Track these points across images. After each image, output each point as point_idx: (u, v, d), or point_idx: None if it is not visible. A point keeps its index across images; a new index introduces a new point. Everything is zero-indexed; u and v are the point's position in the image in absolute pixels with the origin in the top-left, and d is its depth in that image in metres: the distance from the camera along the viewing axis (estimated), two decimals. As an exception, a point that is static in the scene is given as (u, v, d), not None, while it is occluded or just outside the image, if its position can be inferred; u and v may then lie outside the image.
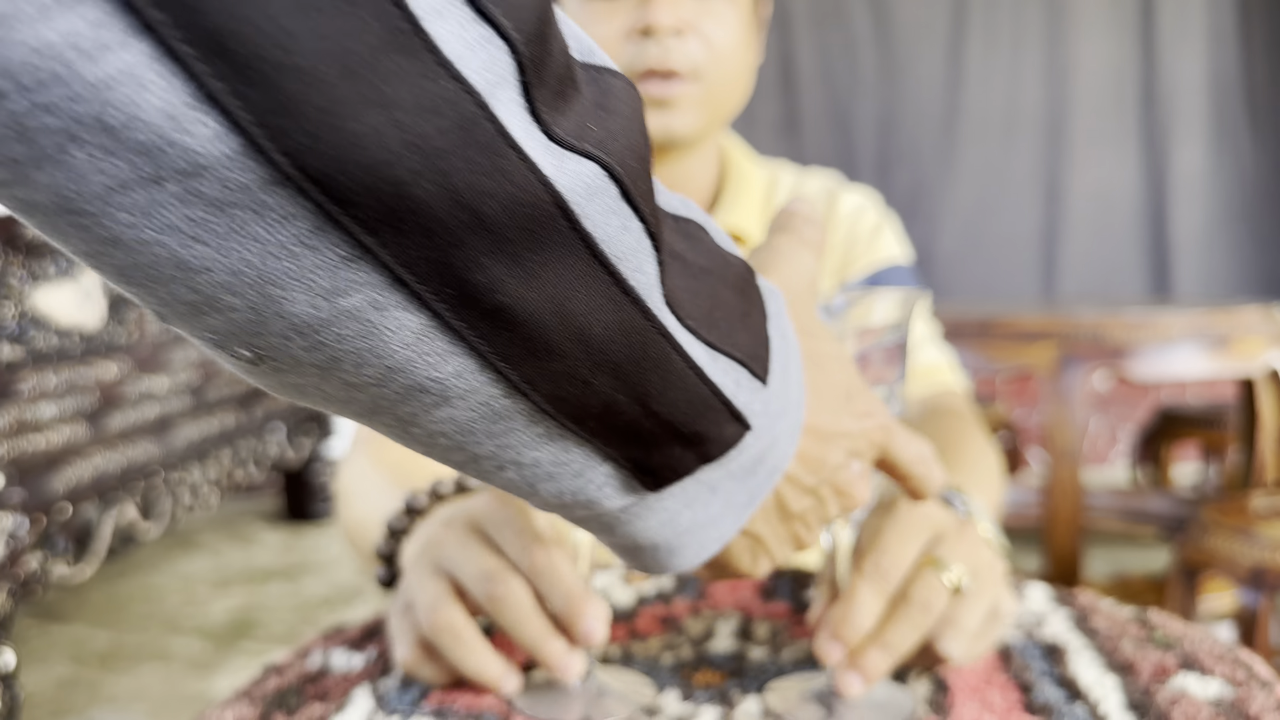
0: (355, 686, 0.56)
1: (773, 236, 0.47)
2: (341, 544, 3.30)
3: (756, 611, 0.65)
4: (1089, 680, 0.52)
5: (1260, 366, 2.17)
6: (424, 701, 0.53)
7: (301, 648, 0.63)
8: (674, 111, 0.85)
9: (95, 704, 2.14)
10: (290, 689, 0.56)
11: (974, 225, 3.88)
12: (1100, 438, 4.04)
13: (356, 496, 0.79)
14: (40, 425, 1.99)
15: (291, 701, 0.54)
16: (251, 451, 2.99)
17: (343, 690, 0.55)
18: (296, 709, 0.53)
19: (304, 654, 0.61)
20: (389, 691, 0.55)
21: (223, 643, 2.46)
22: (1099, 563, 2.82)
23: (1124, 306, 2.56)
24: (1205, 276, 3.87)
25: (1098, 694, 0.51)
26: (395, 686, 0.55)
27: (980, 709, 0.50)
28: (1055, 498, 2.08)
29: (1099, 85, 3.82)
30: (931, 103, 3.86)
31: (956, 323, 2.23)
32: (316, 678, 0.57)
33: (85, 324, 2.18)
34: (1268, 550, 1.63)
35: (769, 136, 3.89)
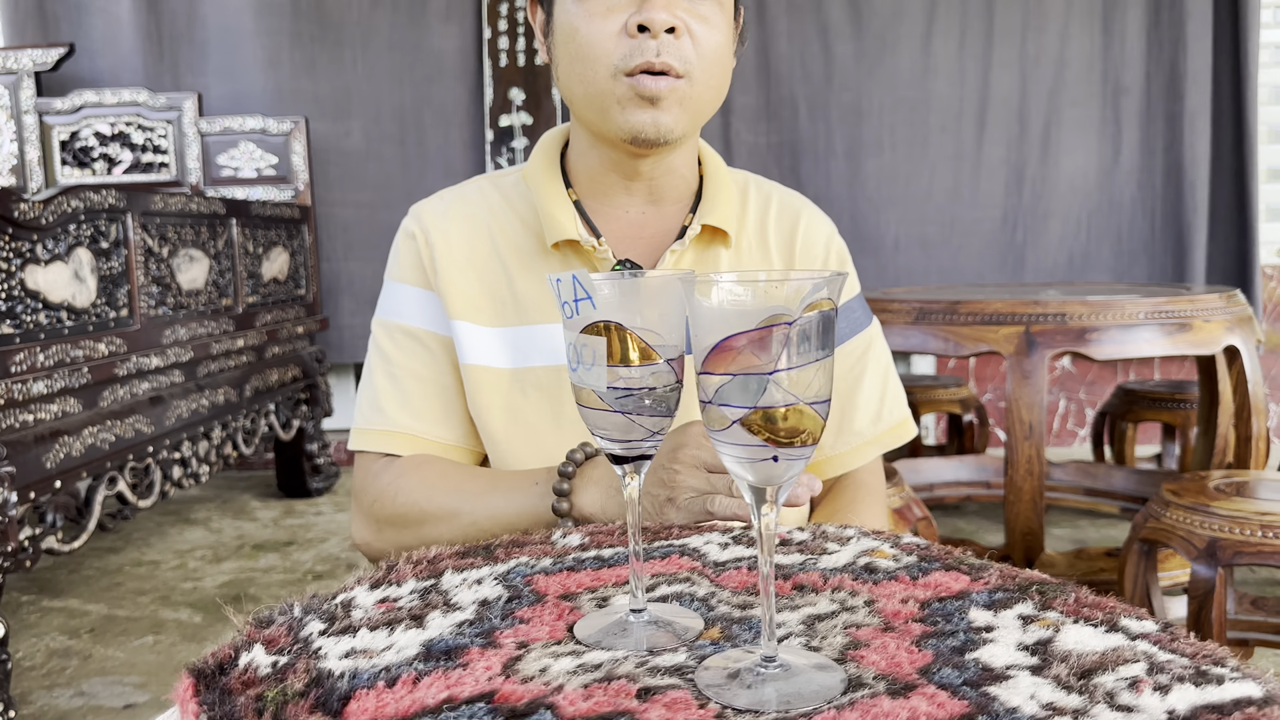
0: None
1: None
2: (330, 518, 3.35)
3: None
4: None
5: (1220, 348, 2.25)
6: (498, 635, 0.58)
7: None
8: (664, 108, 0.91)
9: (87, 674, 2.19)
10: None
11: (944, 211, 3.97)
12: (1067, 418, 4.14)
13: (460, 494, 0.96)
14: (31, 401, 2.03)
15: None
16: (243, 427, 3.04)
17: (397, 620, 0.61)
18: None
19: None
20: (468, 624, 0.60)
21: (215, 614, 2.52)
22: (1061, 537, 2.91)
23: (1088, 290, 2.65)
24: (1168, 262, 3.96)
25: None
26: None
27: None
28: (1018, 474, 2.16)
29: (1068, 75, 3.90)
30: (904, 91, 3.93)
31: (925, 306, 2.31)
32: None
33: (76, 302, 2.22)
34: (1223, 525, 1.70)
35: (746, 125, 3.95)
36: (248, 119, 3.57)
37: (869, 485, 1.07)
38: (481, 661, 0.54)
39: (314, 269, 3.65)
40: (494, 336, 1.00)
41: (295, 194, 3.59)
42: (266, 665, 0.55)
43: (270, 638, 0.59)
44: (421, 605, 0.63)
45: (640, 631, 0.58)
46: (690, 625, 0.60)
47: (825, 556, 0.72)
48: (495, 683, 0.51)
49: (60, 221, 2.16)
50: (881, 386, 1.08)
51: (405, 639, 0.58)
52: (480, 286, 1.01)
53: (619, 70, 0.89)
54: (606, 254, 0.98)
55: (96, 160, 3.58)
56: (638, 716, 0.48)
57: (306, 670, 0.54)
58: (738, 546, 0.74)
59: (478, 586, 0.67)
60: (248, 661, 0.55)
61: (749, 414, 0.51)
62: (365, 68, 3.90)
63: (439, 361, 1.02)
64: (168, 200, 2.66)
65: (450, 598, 0.65)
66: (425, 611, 0.62)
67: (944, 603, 0.62)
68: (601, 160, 0.99)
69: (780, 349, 0.50)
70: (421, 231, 1.02)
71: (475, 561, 0.72)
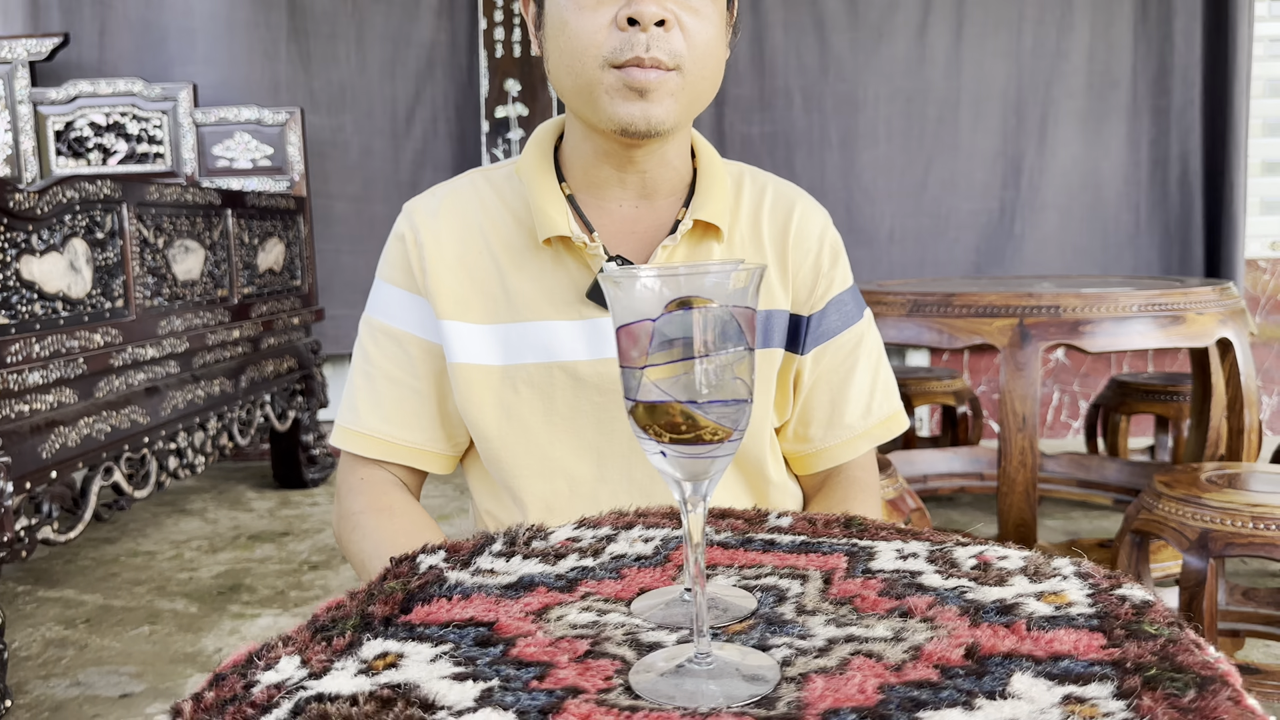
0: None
1: None
2: (326, 508, 3.36)
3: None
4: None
5: (1212, 341, 2.26)
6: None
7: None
8: (655, 100, 0.91)
9: (83, 664, 2.20)
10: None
11: (940, 203, 3.97)
12: (1061, 410, 4.16)
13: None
14: (26, 392, 2.04)
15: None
16: (238, 418, 3.04)
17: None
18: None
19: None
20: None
21: (211, 605, 2.52)
22: (1054, 529, 2.93)
23: (1081, 283, 2.66)
24: (1166, 255, 3.98)
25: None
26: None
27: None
28: (1011, 466, 2.17)
29: (1064, 67, 3.91)
30: (899, 83, 3.94)
31: (919, 299, 2.32)
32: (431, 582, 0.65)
33: (71, 292, 2.22)
34: (1215, 517, 1.71)
35: (741, 116, 3.95)
36: (243, 109, 3.57)
37: (861, 480, 1.08)
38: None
39: (310, 260, 3.64)
40: (485, 334, 1.00)
41: (291, 185, 3.59)
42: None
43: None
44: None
45: (682, 608, 0.61)
46: (764, 672, 0.53)
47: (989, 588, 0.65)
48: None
49: (56, 212, 2.16)
50: (872, 380, 1.08)
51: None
52: (471, 284, 1.01)
53: (608, 63, 0.89)
54: (598, 250, 0.98)
55: (91, 150, 3.57)
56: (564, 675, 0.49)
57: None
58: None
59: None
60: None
61: (632, 407, 0.52)
62: (359, 60, 3.90)
63: (415, 365, 1.02)
64: (163, 191, 2.66)
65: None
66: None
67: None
68: (594, 152, 0.99)
69: (646, 345, 0.50)
70: (412, 232, 1.02)
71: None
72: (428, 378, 1.03)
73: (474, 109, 3.92)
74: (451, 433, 1.05)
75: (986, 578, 0.65)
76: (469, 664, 0.54)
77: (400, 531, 0.95)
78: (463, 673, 0.53)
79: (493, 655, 0.55)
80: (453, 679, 0.52)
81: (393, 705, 0.49)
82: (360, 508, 1.00)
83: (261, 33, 3.84)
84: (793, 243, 1.05)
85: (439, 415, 1.03)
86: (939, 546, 0.71)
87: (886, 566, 0.68)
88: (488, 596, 0.64)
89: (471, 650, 0.56)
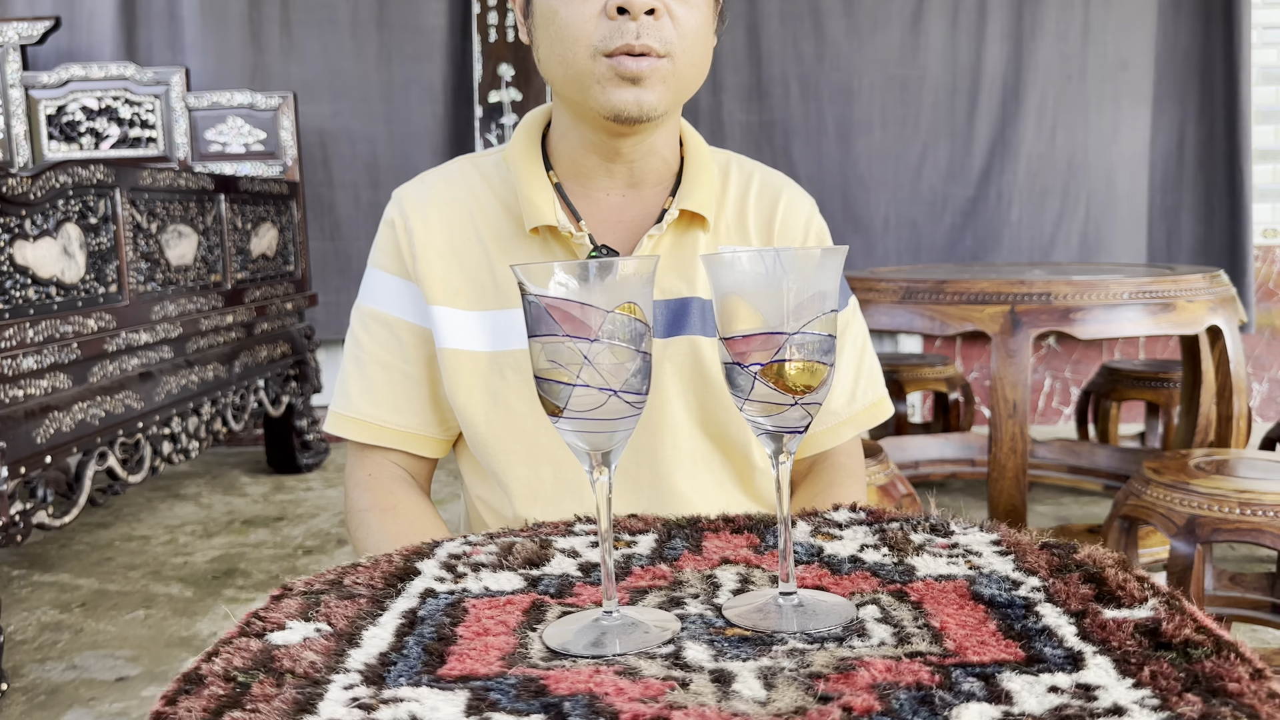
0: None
1: None
2: (320, 493, 3.37)
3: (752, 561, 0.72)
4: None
5: (1202, 328, 2.28)
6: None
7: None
8: (645, 86, 0.91)
9: (79, 648, 2.21)
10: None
11: (936, 190, 3.98)
12: (1052, 397, 4.17)
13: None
14: (20, 377, 2.04)
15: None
16: (232, 403, 3.05)
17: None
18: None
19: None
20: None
21: (206, 589, 2.53)
22: (1045, 514, 2.95)
23: (1073, 270, 2.67)
24: (1155, 242, 3.99)
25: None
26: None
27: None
28: (1001, 451, 2.19)
29: (1062, 52, 3.91)
30: (895, 69, 3.93)
31: (911, 286, 2.32)
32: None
33: (65, 277, 2.22)
34: (1203, 503, 1.72)
35: (738, 104, 3.95)
36: (235, 94, 3.55)
37: (847, 467, 1.09)
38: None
39: (303, 245, 3.64)
40: (473, 320, 1.01)
41: (284, 169, 3.58)
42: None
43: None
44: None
45: (627, 633, 0.59)
46: (666, 624, 0.60)
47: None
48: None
49: (49, 197, 2.16)
50: (857, 367, 1.09)
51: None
52: (460, 271, 1.01)
53: (598, 51, 0.90)
54: (584, 240, 0.99)
55: (84, 135, 3.56)
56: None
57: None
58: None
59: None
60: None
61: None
62: (353, 46, 3.88)
63: (407, 350, 1.03)
64: (156, 176, 2.66)
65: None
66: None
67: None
68: (582, 141, 1.00)
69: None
70: (402, 218, 1.03)
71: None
72: (419, 362, 1.03)
73: (467, 94, 3.92)
74: (444, 417, 1.05)
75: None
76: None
77: (403, 533, 0.96)
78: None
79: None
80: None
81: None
82: (366, 505, 1.01)
83: (254, 17, 3.82)
84: (778, 231, 1.05)
85: (431, 400, 1.04)
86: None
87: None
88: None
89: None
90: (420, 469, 1.07)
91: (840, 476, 1.07)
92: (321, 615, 0.61)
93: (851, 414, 1.09)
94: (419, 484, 1.07)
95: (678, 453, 1.01)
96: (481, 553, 0.73)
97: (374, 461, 1.05)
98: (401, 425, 1.04)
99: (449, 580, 0.68)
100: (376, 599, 0.64)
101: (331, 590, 0.66)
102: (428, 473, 1.09)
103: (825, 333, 0.60)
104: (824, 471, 1.09)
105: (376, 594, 0.65)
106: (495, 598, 0.65)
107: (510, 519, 1.03)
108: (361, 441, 1.04)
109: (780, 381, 0.60)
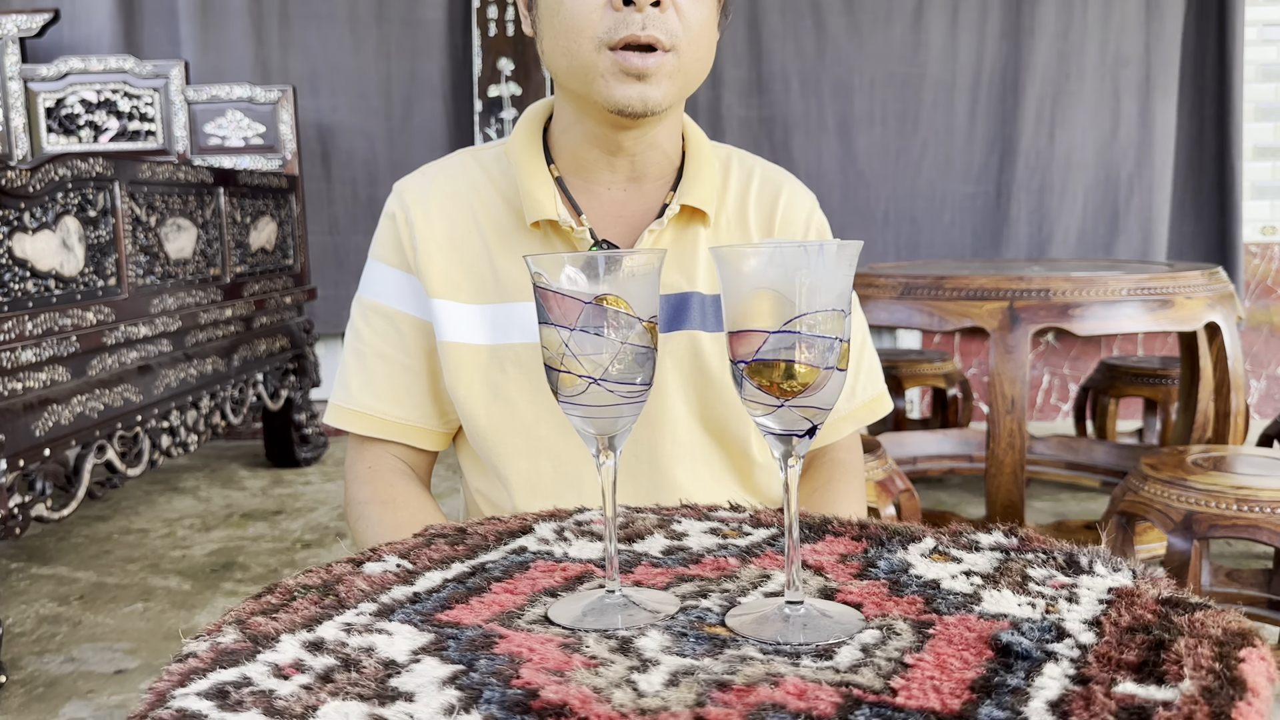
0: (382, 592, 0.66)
1: None
2: (319, 487, 3.37)
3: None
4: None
5: (1201, 325, 2.28)
6: (446, 612, 0.62)
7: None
8: (651, 82, 0.91)
9: (77, 640, 2.21)
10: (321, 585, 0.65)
11: (936, 186, 3.98)
12: (1051, 393, 4.18)
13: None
14: (19, 370, 2.04)
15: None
16: (231, 397, 3.05)
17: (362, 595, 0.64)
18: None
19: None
20: (408, 598, 0.65)
21: (204, 582, 2.54)
22: (1042, 510, 2.95)
23: (1071, 266, 2.67)
24: (1158, 239, 3.99)
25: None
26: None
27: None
28: (999, 448, 2.19)
29: (1062, 49, 3.90)
30: (896, 65, 3.93)
31: (910, 281, 2.33)
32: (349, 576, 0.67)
33: (64, 270, 2.22)
34: (1200, 499, 1.73)
35: (738, 99, 3.95)
36: (235, 87, 3.55)
37: (846, 463, 1.09)
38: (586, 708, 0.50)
39: (302, 239, 3.64)
40: (474, 314, 1.00)
41: (283, 163, 3.58)
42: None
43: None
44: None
45: (628, 610, 0.61)
46: (664, 604, 0.62)
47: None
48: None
49: (48, 189, 2.16)
50: (856, 362, 1.09)
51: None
52: (460, 264, 1.01)
53: (603, 43, 0.90)
54: (584, 234, 0.99)
55: (83, 128, 3.56)
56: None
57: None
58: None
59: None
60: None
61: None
62: (352, 40, 3.88)
63: (407, 343, 1.03)
64: (155, 169, 2.65)
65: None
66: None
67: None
68: (584, 135, 1.00)
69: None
70: (403, 211, 1.03)
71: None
72: (419, 355, 1.03)
73: (466, 88, 3.91)
74: (444, 410, 1.05)
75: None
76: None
77: (403, 526, 0.96)
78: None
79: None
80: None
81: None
82: (366, 498, 1.02)
83: (253, 11, 3.82)
84: (779, 226, 1.05)
85: (431, 392, 1.04)
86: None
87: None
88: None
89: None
90: (420, 462, 1.07)
91: (839, 472, 1.08)
92: (413, 556, 0.71)
93: (851, 409, 1.09)
94: (419, 477, 1.06)
95: (677, 446, 1.01)
96: (600, 524, 0.78)
97: (374, 454, 1.05)
98: (401, 418, 1.04)
99: (551, 543, 0.74)
100: (472, 549, 0.72)
101: (458, 535, 0.76)
102: (428, 466, 1.09)
103: (819, 333, 0.57)
104: (822, 467, 1.09)
105: (475, 545, 0.73)
106: (560, 562, 0.70)
107: (509, 513, 1.03)
108: (361, 434, 1.04)
109: (764, 380, 0.57)
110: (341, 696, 0.50)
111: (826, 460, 1.09)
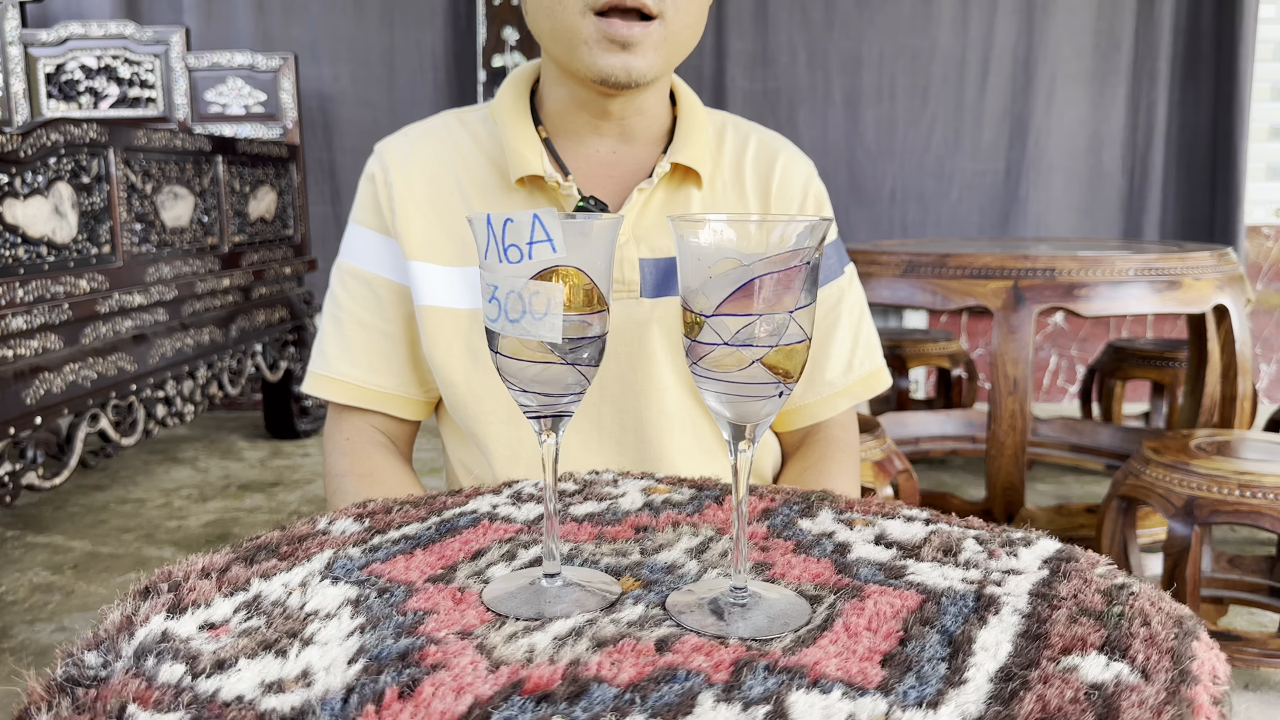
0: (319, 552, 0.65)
1: None
2: (317, 459, 3.36)
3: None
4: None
5: (1209, 307, 2.24)
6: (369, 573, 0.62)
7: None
8: (636, 52, 0.88)
9: (69, 610, 2.20)
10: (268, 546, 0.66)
11: (944, 163, 3.92)
12: (1058, 374, 4.14)
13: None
14: (10, 337, 2.02)
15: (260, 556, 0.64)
16: (229, 367, 3.03)
17: (307, 553, 0.63)
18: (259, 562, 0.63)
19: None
20: (344, 561, 0.63)
21: (198, 553, 2.52)
22: (1045, 493, 2.92)
23: (1078, 246, 2.63)
24: (1166, 218, 3.93)
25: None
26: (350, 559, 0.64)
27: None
28: (1000, 429, 2.16)
29: (1071, 27, 3.84)
30: (905, 39, 3.87)
31: (914, 259, 2.29)
32: (298, 539, 0.67)
33: (56, 237, 2.19)
34: (1202, 484, 1.70)
35: (742, 71, 3.89)
36: (236, 54, 3.51)
37: (840, 440, 1.06)
38: (457, 659, 0.48)
39: (302, 209, 3.61)
40: (453, 276, 0.98)
41: (284, 132, 3.54)
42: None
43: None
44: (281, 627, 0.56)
45: (565, 595, 0.56)
46: (608, 587, 0.58)
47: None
48: (504, 674, 0.47)
49: (40, 155, 2.13)
50: (854, 336, 1.06)
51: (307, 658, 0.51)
52: (440, 226, 0.99)
53: (588, 7, 0.86)
54: (572, 191, 0.96)
55: (83, 94, 3.52)
56: (690, 669, 0.47)
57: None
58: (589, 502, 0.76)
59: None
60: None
61: (769, 353, 0.52)
62: (354, 8, 3.83)
63: (385, 308, 1.00)
64: (151, 136, 2.62)
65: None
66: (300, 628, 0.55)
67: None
68: (571, 98, 0.97)
69: (801, 287, 0.51)
70: (382, 172, 1.00)
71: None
72: (398, 321, 1.01)
73: (470, 58, 3.86)
74: (424, 378, 1.03)
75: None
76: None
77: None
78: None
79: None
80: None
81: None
82: (343, 470, 0.99)
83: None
84: (776, 193, 1.02)
85: (410, 359, 1.02)
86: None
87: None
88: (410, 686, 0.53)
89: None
90: (400, 432, 1.05)
91: (833, 450, 1.05)
92: (400, 519, 0.71)
93: (847, 384, 1.06)
94: (399, 448, 1.04)
95: (664, 417, 0.99)
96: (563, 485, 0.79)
97: (352, 424, 1.02)
98: (380, 386, 1.01)
99: (505, 505, 0.74)
100: (426, 514, 0.72)
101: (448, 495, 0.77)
102: (409, 436, 1.07)
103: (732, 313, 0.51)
104: (816, 444, 1.06)
105: (433, 509, 0.73)
106: (502, 523, 0.70)
107: (491, 482, 1.01)
108: (339, 402, 1.02)
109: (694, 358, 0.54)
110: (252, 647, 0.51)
111: (820, 438, 1.07)
